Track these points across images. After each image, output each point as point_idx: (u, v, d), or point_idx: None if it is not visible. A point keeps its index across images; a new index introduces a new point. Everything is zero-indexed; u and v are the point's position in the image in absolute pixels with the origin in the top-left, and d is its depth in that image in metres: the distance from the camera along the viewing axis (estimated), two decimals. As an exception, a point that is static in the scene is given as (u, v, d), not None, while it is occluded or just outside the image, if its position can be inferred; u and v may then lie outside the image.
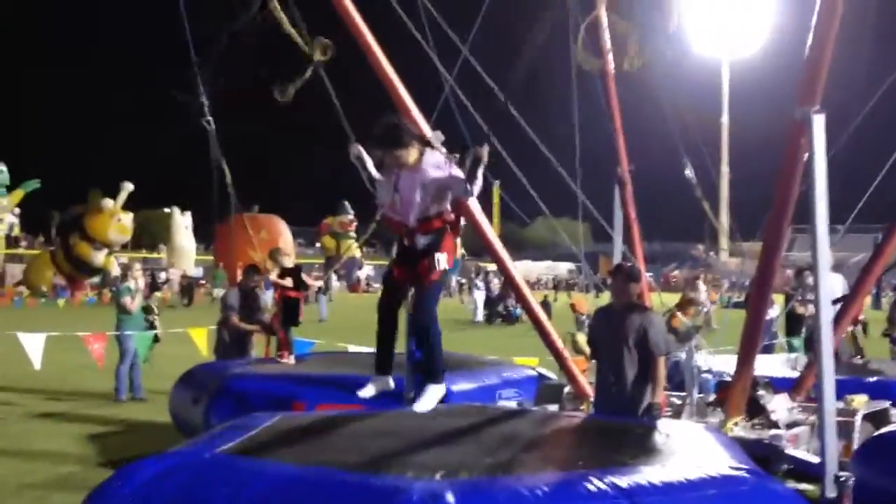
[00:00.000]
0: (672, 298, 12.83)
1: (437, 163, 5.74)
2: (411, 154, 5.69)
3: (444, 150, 5.79)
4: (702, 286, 13.87)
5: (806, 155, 5.70)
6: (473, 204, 7.45)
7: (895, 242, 7.43)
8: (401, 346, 6.63)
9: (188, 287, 44.07)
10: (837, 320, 8.12)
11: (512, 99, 7.76)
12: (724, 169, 72.50)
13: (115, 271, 39.49)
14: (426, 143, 5.78)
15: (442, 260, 5.76)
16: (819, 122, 5.63)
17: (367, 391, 6.04)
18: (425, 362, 5.96)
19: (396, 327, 6.17)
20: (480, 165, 5.77)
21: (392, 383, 6.16)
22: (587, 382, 7.81)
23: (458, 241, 6.06)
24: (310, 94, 7.49)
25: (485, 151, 5.81)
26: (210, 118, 8.10)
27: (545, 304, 25.94)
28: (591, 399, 7.51)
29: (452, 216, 5.92)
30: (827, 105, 5.79)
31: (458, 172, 5.74)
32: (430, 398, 5.81)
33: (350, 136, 6.45)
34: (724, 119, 77.03)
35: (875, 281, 8.86)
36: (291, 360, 10.06)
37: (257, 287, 11.30)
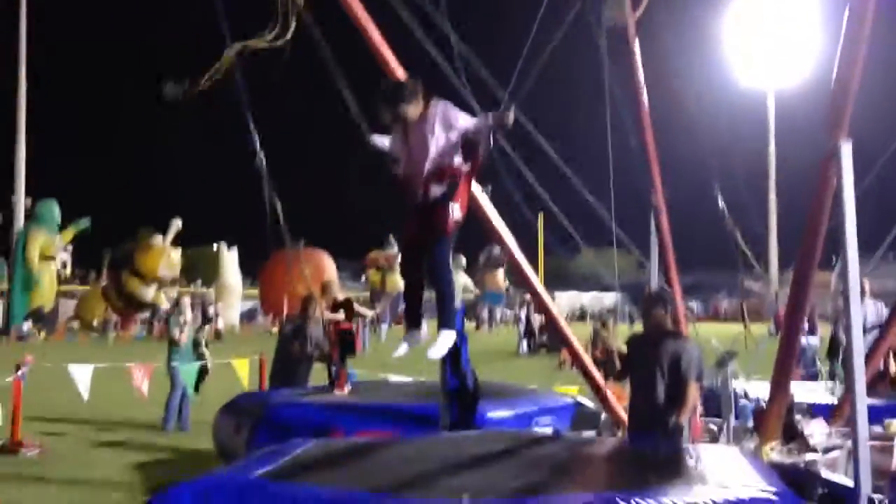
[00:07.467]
0: (714, 329, 12.75)
1: (444, 107, 5.69)
2: (416, 107, 5.66)
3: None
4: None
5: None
6: (510, 240, 7.54)
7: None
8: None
9: None
10: (874, 347, 8.11)
11: (546, 130, 7.83)
12: (772, 196, 71.73)
13: (165, 306, 40.04)
14: (429, 94, 5.75)
15: (455, 209, 5.73)
16: (846, 151, 5.63)
17: (401, 350, 6.06)
18: (440, 309, 5.89)
19: (421, 283, 6.11)
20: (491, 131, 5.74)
21: (421, 336, 6.09)
22: (623, 409, 7.82)
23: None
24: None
25: (509, 117, 5.68)
26: (262, 154, 8.29)
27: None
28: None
29: (465, 168, 5.82)
30: (860, 132, 5.77)
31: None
32: (442, 343, 5.83)
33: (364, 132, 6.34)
34: (771, 148, 76.42)
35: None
36: (347, 390, 10.02)
37: (312, 320, 11.23)
